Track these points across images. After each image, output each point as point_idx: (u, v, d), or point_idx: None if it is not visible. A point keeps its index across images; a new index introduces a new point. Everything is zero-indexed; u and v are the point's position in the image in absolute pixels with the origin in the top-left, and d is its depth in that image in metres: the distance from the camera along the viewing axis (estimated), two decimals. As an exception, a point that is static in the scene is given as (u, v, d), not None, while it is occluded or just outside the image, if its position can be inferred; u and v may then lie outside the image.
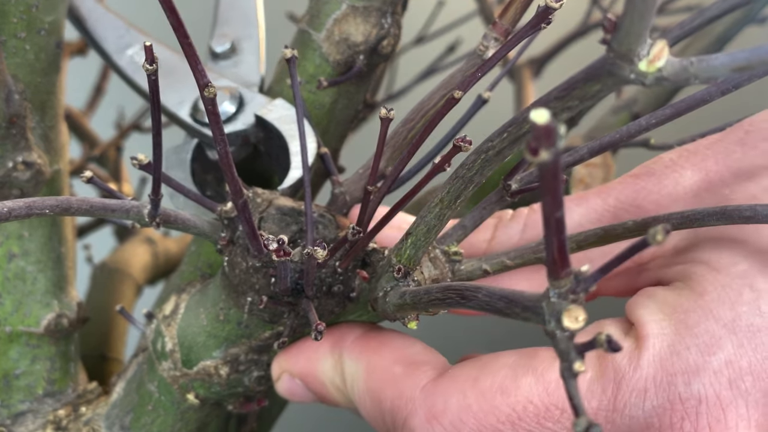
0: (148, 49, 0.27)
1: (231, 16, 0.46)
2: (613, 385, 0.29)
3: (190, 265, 0.46)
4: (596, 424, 0.19)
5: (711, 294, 0.30)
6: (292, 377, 0.38)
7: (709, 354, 0.29)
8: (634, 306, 0.31)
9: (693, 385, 0.29)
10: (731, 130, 0.34)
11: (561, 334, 0.21)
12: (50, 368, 0.44)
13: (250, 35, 0.46)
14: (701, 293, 0.30)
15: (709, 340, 0.29)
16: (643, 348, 0.30)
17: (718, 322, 0.29)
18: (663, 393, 0.29)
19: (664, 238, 0.19)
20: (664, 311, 0.30)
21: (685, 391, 0.29)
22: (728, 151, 0.33)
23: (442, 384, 0.33)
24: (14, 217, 0.28)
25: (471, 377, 0.32)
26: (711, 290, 0.30)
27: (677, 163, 0.35)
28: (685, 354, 0.29)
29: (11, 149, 0.40)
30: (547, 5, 0.31)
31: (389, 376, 0.34)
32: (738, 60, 0.20)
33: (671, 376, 0.29)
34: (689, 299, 0.30)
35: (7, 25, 0.39)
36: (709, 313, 0.29)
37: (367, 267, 0.35)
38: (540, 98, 0.24)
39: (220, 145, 0.28)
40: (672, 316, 0.30)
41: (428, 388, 0.33)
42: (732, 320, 0.29)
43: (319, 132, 0.43)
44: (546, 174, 0.19)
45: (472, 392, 0.32)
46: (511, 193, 0.34)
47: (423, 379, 0.34)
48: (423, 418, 0.33)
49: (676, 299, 0.31)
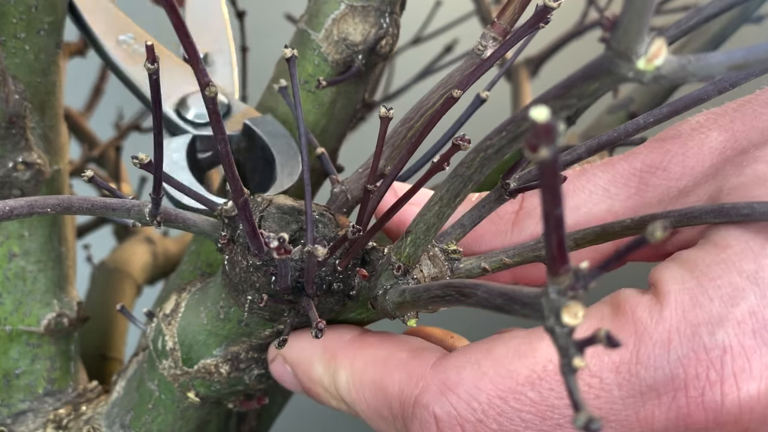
0: (150, 49, 0.27)
1: (201, 31, 0.47)
2: (635, 337, 0.29)
3: (189, 265, 0.46)
4: (596, 419, 0.19)
5: (734, 248, 0.30)
6: (284, 363, 0.38)
7: (732, 305, 0.29)
8: (656, 270, 0.32)
9: (717, 335, 0.29)
10: (760, 92, 0.34)
11: (560, 330, 0.21)
12: (50, 367, 0.45)
13: (222, 50, 0.47)
14: (724, 247, 0.30)
15: (732, 292, 0.29)
16: (664, 302, 0.30)
17: (741, 275, 0.29)
18: (687, 343, 0.29)
19: (663, 235, 0.19)
20: (685, 267, 0.30)
21: (709, 341, 0.29)
22: (756, 113, 0.33)
23: (452, 358, 0.32)
24: (16, 216, 0.28)
25: (483, 349, 0.32)
26: (734, 244, 0.30)
27: (704, 125, 0.35)
28: (708, 305, 0.29)
29: (11, 149, 0.40)
30: (545, 5, 0.32)
31: (394, 362, 0.34)
32: (735, 58, 0.20)
33: (695, 327, 0.29)
34: (712, 253, 0.30)
35: (6, 26, 0.39)
36: (732, 265, 0.30)
37: (367, 265, 0.35)
38: (539, 96, 0.24)
39: (221, 144, 0.28)
40: (694, 270, 0.30)
41: (439, 364, 0.33)
42: (755, 272, 0.29)
43: (318, 131, 0.43)
44: (545, 171, 0.19)
45: (486, 360, 0.31)
46: (509, 191, 0.34)
47: (431, 359, 0.33)
48: (436, 391, 0.32)
49: (697, 255, 0.31)
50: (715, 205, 0.30)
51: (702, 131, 0.34)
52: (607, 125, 0.63)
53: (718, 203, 0.30)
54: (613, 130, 0.33)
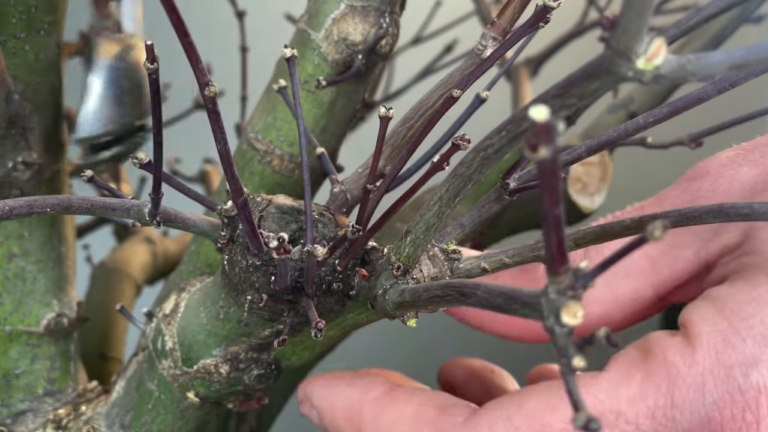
0: (149, 49, 0.27)
1: None
2: (668, 381, 0.29)
3: (189, 265, 0.46)
4: (595, 419, 0.19)
5: (765, 285, 0.30)
6: (312, 407, 0.38)
7: (765, 344, 0.29)
8: (686, 310, 0.31)
9: (751, 376, 0.29)
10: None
11: (560, 329, 0.21)
12: (50, 367, 0.45)
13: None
14: (756, 285, 0.30)
15: (764, 331, 0.29)
16: (696, 344, 0.30)
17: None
18: (722, 386, 0.29)
19: (662, 234, 0.19)
20: (716, 306, 0.30)
21: (744, 383, 0.29)
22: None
23: (483, 415, 0.32)
24: (15, 216, 0.28)
25: (514, 403, 0.32)
26: (765, 281, 0.30)
27: (734, 161, 0.34)
28: (741, 346, 0.29)
29: (11, 149, 0.40)
30: (545, 4, 0.32)
31: (424, 418, 0.34)
32: (735, 58, 0.20)
33: (728, 369, 0.29)
34: (743, 291, 0.30)
35: (6, 26, 0.39)
36: (764, 303, 0.30)
37: (367, 265, 0.35)
38: (538, 96, 0.24)
39: (220, 144, 0.28)
40: (725, 310, 0.30)
41: (469, 421, 0.32)
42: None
43: (318, 131, 0.43)
44: (545, 170, 0.19)
45: (518, 416, 0.31)
46: (509, 191, 0.34)
47: (461, 416, 0.33)
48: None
49: (728, 293, 0.31)
50: (714, 205, 0.30)
51: (732, 167, 0.34)
52: (607, 125, 0.63)
53: (717, 203, 0.30)
54: (613, 130, 0.33)
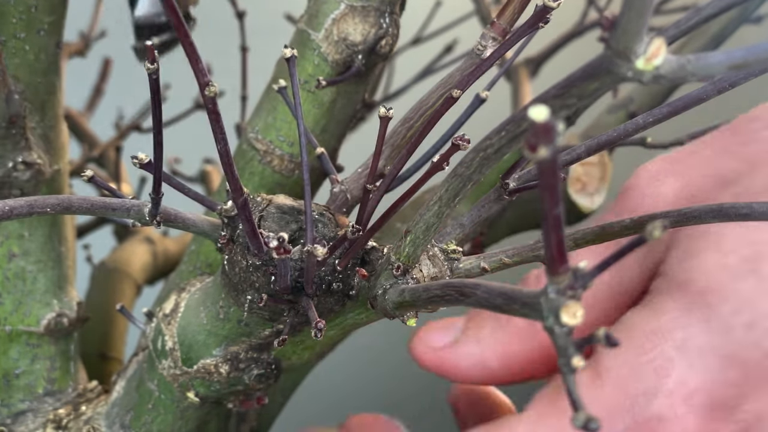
0: (149, 49, 0.27)
1: None
2: None
3: (189, 265, 0.46)
4: (595, 419, 0.19)
5: (669, 314, 0.32)
6: None
7: (664, 376, 0.32)
8: None
9: (653, 406, 0.32)
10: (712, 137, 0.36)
11: (559, 329, 0.21)
12: (50, 367, 0.45)
13: None
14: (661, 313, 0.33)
15: (663, 363, 0.32)
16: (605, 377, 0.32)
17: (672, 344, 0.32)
18: (628, 415, 0.32)
19: (662, 233, 0.19)
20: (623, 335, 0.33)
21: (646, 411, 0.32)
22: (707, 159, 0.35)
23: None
24: (16, 216, 0.28)
25: None
26: (669, 310, 0.33)
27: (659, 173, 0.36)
28: (644, 377, 0.32)
29: (11, 149, 0.40)
30: (545, 4, 0.32)
31: None
32: (735, 58, 0.20)
33: (633, 398, 0.32)
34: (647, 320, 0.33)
35: (6, 26, 0.39)
36: (664, 335, 0.32)
37: (367, 265, 0.35)
38: (538, 96, 0.24)
39: (220, 144, 0.28)
40: (631, 341, 0.32)
41: None
42: (683, 341, 0.32)
43: (318, 131, 0.43)
44: (544, 170, 0.19)
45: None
46: (509, 191, 0.34)
47: None
48: None
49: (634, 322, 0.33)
50: (714, 205, 0.30)
51: (658, 179, 0.36)
52: (607, 125, 0.63)
53: (717, 204, 0.30)
54: (613, 130, 0.33)
